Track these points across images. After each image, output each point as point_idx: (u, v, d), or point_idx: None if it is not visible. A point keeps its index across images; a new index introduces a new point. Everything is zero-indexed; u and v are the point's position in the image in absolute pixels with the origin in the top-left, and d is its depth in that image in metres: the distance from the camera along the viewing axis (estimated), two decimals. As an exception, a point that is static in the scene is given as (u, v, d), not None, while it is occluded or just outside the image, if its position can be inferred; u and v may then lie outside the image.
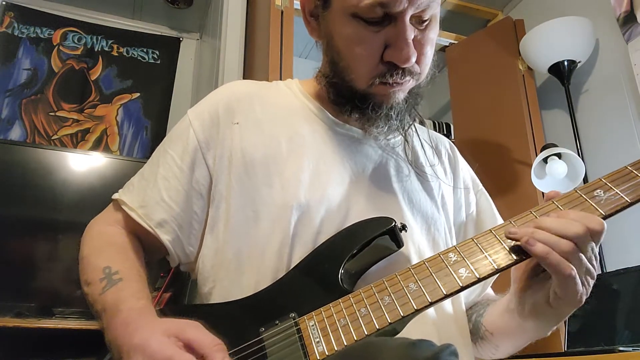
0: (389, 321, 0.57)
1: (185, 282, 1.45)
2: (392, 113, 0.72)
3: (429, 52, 0.72)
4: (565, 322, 1.41)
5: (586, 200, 0.59)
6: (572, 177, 1.71)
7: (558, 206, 0.60)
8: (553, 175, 1.71)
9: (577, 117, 1.89)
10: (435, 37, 0.71)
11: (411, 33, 0.66)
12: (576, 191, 0.61)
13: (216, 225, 0.73)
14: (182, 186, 0.74)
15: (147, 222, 0.72)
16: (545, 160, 1.73)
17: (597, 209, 0.58)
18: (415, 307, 0.57)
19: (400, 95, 0.72)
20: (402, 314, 0.57)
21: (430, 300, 0.57)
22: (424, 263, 0.60)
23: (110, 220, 0.77)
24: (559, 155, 1.72)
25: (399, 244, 0.68)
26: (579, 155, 1.74)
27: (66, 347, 1.43)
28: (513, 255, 0.57)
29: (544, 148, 1.74)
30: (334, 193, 0.72)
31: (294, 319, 0.60)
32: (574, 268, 0.55)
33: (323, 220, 0.69)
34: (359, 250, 0.66)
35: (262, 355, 0.58)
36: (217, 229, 0.73)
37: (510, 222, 0.60)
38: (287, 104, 0.81)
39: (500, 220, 0.87)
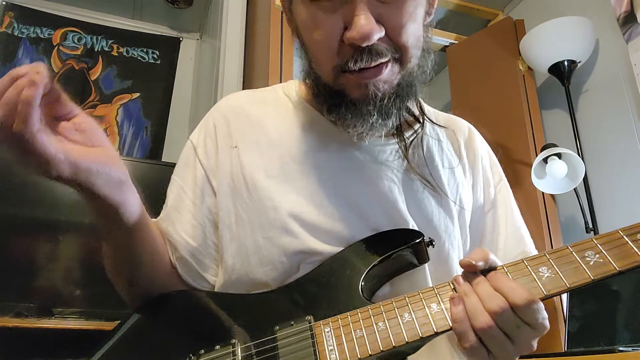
0: (407, 340, 0.55)
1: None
2: (370, 108, 0.63)
3: (409, 26, 0.61)
4: (565, 322, 1.41)
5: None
6: (572, 177, 1.71)
7: (601, 249, 0.54)
8: (553, 175, 1.71)
9: (577, 117, 1.89)
10: (413, 10, 0.61)
11: (365, 4, 0.58)
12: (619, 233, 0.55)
13: (222, 258, 0.71)
14: (198, 221, 0.73)
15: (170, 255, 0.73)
16: (545, 160, 1.73)
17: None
18: (436, 330, 0.55)
19: (381, 86, 0.62)
20: (420, 335, 0.55)
21: (451, 325, 0.55)
22: (449, 284, 0.58)
23: None
24: (559, 155, 1.72)
25: (424, 258, 0.66)
26: (579, 155, 1.74)
27: (66, 347, 1.43)
28: (543, 289, 0.54)
29: (544, 148, 1.74)
30: (344, 209, 0.68)
31: (309, 322, 0.59)
32: (474, 343, 0.52)
33: (338, 236, 0.67)
34: (381, 261, 0.64)
35: (275, 355, 0.58)
36: (224, 261, 0.71)
37: (545, 255, 0.56)
38: (286, 119, 0.76)
39: (517, 217, 0.81)
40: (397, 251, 0.64)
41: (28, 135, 0.49)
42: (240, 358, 0.58)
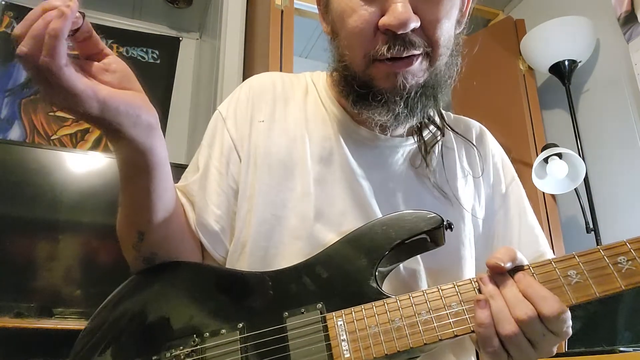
0: (425, 342, 0.52)
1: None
2: (397, 98, 0.63)
3: (444, 23, 0.62)
4: (565, 323, 1.41)
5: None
6: (573, 177, 1.71)
7: (635, 255, 0.50)
8: (554, 175, 1.71)
9: (577, 117, 1.89)
10: (449, 9, 0.63)
11: None
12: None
13: (234, 227, 0.71)
14: (222, 189, 0.73)
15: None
16: (545, 160, 1.73)
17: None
18: (456, 333, 0.52)
19: (410, 78, 0.62)
20: (440, 338, 0.52)
21: (474, 328, 0.52)
22: (471, 282, 0.55)
23: None
24: (559, 155, 1.72)
25: (441, 242, 0.63)
26: (579, 155, 1.74)
27: (66, 347, 1.42)
28: (571, 296, 0.51)
29: (544, 148, 1.74)
30: (351, 205, 0.69)
31: (320, 312, 0.57)
32: (497, 348, 0.51)
33: (343, 232, 0.66)
34: (397, 245, 0.61)
35: (284, 347, 0.56)
36: (235, 230, 0.71)
37: (575, 257, 0.53)
38: (310, 106, 0.77)
39: (530, 216, 0.81)
40: (415, 237, 0.61)
41: (55, 68, 0.47)
42: (247, 347, 0.57)
